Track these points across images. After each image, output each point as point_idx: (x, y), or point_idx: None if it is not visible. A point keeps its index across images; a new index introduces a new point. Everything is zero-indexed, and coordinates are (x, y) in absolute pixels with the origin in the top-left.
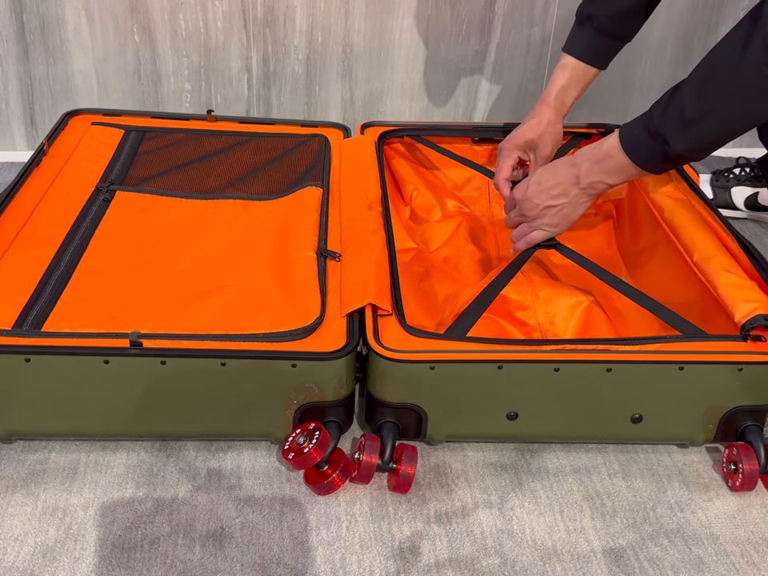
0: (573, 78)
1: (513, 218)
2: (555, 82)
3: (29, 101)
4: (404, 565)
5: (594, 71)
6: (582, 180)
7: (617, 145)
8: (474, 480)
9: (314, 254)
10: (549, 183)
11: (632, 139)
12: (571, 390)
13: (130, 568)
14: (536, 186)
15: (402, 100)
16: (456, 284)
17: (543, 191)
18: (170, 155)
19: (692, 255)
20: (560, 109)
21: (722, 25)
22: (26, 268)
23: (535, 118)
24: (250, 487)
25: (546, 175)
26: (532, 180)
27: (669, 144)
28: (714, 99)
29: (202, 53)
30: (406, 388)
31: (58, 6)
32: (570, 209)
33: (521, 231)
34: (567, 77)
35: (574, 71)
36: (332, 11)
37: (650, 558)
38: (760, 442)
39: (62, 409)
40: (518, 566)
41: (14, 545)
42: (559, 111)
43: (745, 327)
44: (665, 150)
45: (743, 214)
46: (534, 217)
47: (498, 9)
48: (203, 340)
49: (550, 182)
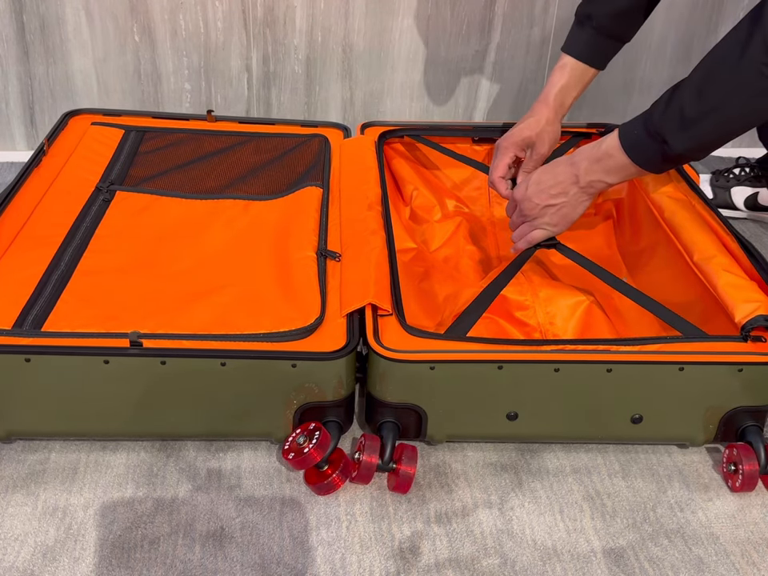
0: (572, 78)
1: (515, 221)
2: (554, 82)
3: (29, 101)
4: (404, 565)
5: (593, 71)
6: (582, 179)
7: (616, 144)
8: (473, 480)
9: (314, 253)
10: (548, 183)
11: (631, 139)
12: (571, 390)
13: (129, 568)
14: (535, 185)
15: (402, 100)
16: (456, 284)
17: (543, 191)
18: (169, 155)
19: (692, 255)
20: (558, 109)
21: (721, 25)
22: (26, 268)
23: (533, 117)
24: (250, 487)
25: (545, 175)
26: (532, 180)
27: (668, 144)
28: (713, 99)
29: (202, 53)
30: (405, 388)
31: (58, 6)
32: (570, 208)
33: (521, 231)
34: (566, 77)
35: (573, 71)
36: (332, 11)
37: (650, 558)
38: (760, 443)
39: (62, 409)
40: (518, 565)
41: (13, 545)
42: (558, 111)
43: (745, 328)
44: (664, 149)
45: (743, 214)
46: (533, 216)
47: (498, 9)
48: (203, 340)
49: (550, 182)
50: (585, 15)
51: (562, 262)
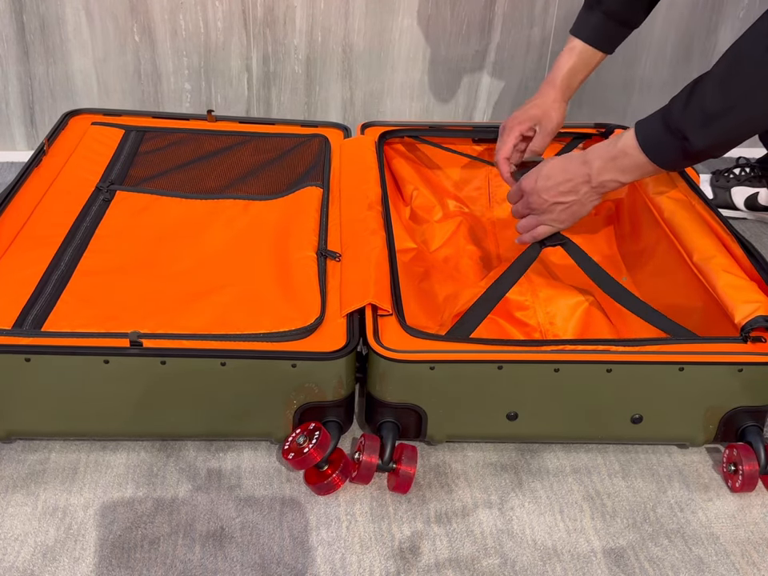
0: (579, 61)
1: (519, 210)
2: (562, 65)
3: (29, 101)
4: (404, 565)
5: (601, 55)
6: (594, 179)
7: (632, 143)
8: (473, 480)
9: (314, 253)
10: (558, 179)
11: (650, 136)
12: (571, 391)
13: (130, 568)
14: (545, 180)
15: (402, 100)
16: (456, 284)
17: (552, 187)
18: (170, 155)
19: (692, 256)
20: (565, 90)
21: (722, 25)
22: (26, 268)
23: (540, 97)
24: (250, 487)
25: (555, 170)
26: (542, 172)
27: (689, 141)
28: (737, 94)
29: (202, 53)
30: (405, 388)
31: (58, 6)
32: (579, 206)
33: (527, 223)
34: (574, 60)
35: (581, 54)
36: (332, 11)
37: (650, 558)
38: (760, 443)
39: (62, 409)
40: (517, 565)
41: (13, 545)
42: (564, 93)
43: (745, 328)
44: (684, 146)
45: (743, 214)
46: (541, 211)
47: (498, 9)
48: (203, 340)
49: (560, 178)
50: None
51: (562, 262)
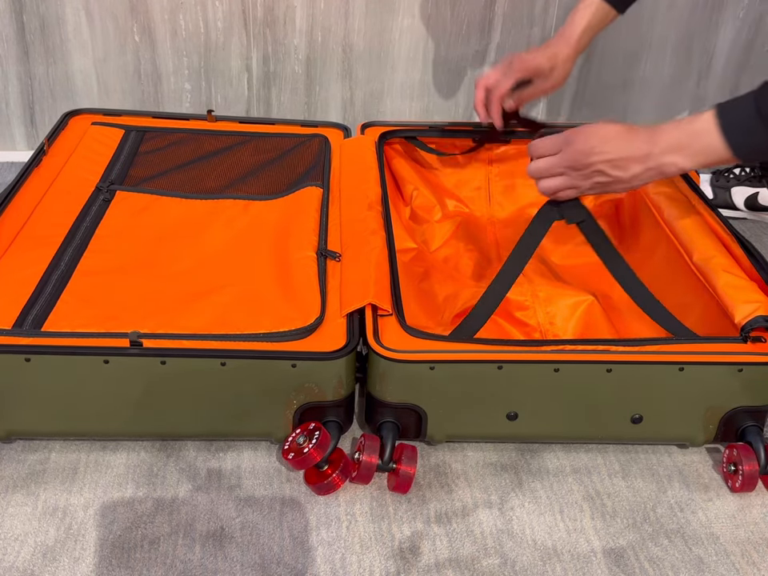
0: (594, 19)
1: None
2: (577, 21)
3: (29, 101)
4: (404, 565)
5: (614, 14)
6: (654, 159)
7: (711, 127)
8: (473, 480)
9: (314, 253)
10: (616, 148)
11: (736, 122)
12: (571, 391)
13: (129, 568)
14: (601, 143)
15: (401, 100)
16: (456, 284)
17: (605, 152)
18: (170, 155)
19: (692, 256)
20: (577, 48)
21: (722, 25)
22: (26, 268)
23: (551, 50)
24: (250, 487)
25: (618, 137)
26: (601, 133)
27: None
28: None
29: (202, 53)
30: (405, 388)
31: (58, 6)
32: (617, 185)
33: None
34: (589, 16)
35: (597, 11)
36: (332, 11)
37: (650, 558)
38: (760, 443)
39: (62, 409)
40: (517, 565)
41: (13, 545)
42: (576, 51)
43: (745, 328)
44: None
45: (743, 214)
46: (575, 169)
47: (498, 9)
48: (203, 340)
49: (617, 147)
50: None
51: (562, 262)
